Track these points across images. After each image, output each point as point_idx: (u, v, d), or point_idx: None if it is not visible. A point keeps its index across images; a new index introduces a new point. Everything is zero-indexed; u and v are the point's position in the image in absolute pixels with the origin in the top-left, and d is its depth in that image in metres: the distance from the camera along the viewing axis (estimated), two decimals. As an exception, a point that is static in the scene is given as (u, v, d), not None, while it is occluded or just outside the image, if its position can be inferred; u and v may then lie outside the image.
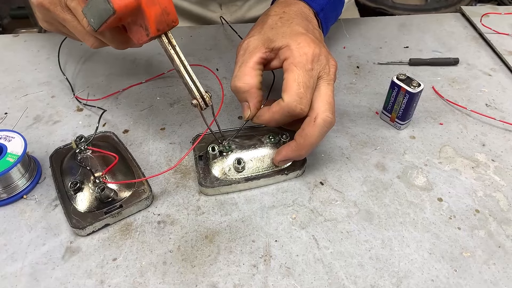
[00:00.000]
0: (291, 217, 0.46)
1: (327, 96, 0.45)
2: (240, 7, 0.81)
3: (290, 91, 0.44)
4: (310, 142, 0.45)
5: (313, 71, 0.45)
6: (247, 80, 0.46)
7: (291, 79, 0.44)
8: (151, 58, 0.68)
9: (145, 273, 0.41)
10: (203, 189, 0.47)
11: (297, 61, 0.45)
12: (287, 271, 0.41)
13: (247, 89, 0.47)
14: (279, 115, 0.45)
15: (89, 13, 0.40)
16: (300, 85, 0.44)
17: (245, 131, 0.52)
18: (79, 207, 0.44)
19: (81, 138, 0.49)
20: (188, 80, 0.43)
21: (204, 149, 0.50)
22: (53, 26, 0.49)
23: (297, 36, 0.47)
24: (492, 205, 0.47)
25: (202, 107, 0.44)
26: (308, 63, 0.45)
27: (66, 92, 0.61)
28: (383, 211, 0.46)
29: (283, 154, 0.47)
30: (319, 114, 0.44)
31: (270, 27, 0.49)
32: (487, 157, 0.52)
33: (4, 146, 0.46)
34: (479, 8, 0.81)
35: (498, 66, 0.67)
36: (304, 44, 0.45)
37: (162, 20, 0.39)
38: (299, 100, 0.43)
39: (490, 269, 0.41)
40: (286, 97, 0.44)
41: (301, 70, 0.44)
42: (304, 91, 0.44)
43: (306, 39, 0.46)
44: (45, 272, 0.40)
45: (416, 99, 0.52)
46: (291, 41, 0.46)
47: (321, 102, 0.45)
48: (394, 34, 0.75)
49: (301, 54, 0.45)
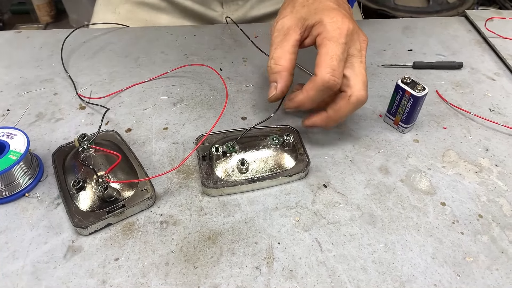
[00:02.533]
0: (294, 219, 0.45)
1: (362, 75, 0.46)
2: (241, 6, 0.81)
3: (323, 64, 0.44)
4: (340, 116, 0.48)
5: (346, 45, 0.45)
6: (282, 63, 0.47)
7: (323, 53, 0.45)
8: (154, 56, 0.68)
9: (147, 274, 0.40)
10: (206, 190, 0.47)
11: (330, 36, 0.45)
12: (290, 273, 0.41)
13: (280, 71, 0.47)
14: (314, 91, 0.46)
15: None
16: (333, 58, 0.44)
17: (248, 132, 0.52)
18: (81, 206, 0.44)
19: (84, 137, 0.49)
20: None
21: (207, 150, 0.50)
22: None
23: (329, 11, 0.47)
24: (495, 210, 0.47)
25: None
26: (341, 37, 0.45)
27: (69, 89, 0.61)
28: (386, 214, 0.46)
29: (312, 120, 0.50)
30: (354, 92, 0.46)
31: (301, 5, 0.49)
32: (490, 162, 0.52)
33: (7, 143, 0.46)
34: (483, 12, 0.81)
35: (502, 71, 0.67)
36: (337, 19, 0.46)
37: None
38: (332, 71, 0.44)
39: (493, 275, 0.41)
40: (319, 71, 0.44)
41: (334, 44, 0.45)
42: (337, 64, 0.44)
43: (339, 14, 0.46)
44: (46, 271, 0.40)
45: (420, 103, 0.52)
46: (324, 16, 0.46)
47: (357, 80, 0.46)
48: (398, 37, 0.75)
49: (334, 29, 0.45)
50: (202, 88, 0.62)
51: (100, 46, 0.70)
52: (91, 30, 0.74)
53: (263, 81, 0.64)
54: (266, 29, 0.74)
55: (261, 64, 0.67)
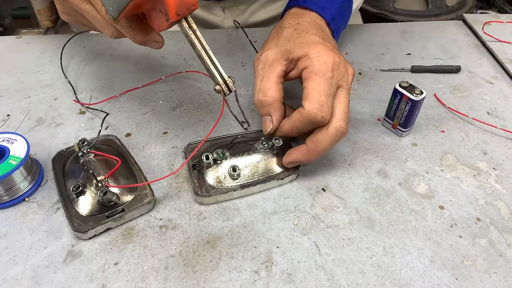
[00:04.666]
0: (293, 223, 0.46)
1: (344, 106, 0.45)
2: (243, 12, 0.82)
3: (311, 98, 0.44)
4: (320, 149, 0.46)
5: (333, 79, 0.45)
6: (271, 94, 0.47)
7: (311, 87, 0.44)
8: (154, 61, 0.68)
9: (146, 278, 0.41)
10: (199, 199, 0.47)
11: (317, 70, 0.45)
12: (289, 277, 0.41)
13: (272, 103, 0.47)
14: (300, 123, 0.45)
15: (108, 0, 0.39)
16: (321, 93, 0.44)
17: (236, 136, 0.52)
18: (81, 210, 0.44)
19: (84, 141, 0.49)
20: (210, 66, 0.42)
21: (197, 158, 0.50)
22: (72, 17, 0.49)
23: (315, 45, 0.47)
24: (493, 214, 0.47)
25: (226, 93, 0.43)
26: (328, 71, 0.45)
27: (68, 94, 0.61)
28: (384, 218, 0.46)
29: (293, 157, 0.48)
30: (333, 123, 0.45)
31: (286, 39, 0.50)
32: (488, 166, 0.53)
33: (7, 148, 0.46)
34: (481, 16, 0.81)
35: (499, 75, 0.68)
36: (323, 53, 0.46)
37: (182, 4, 0.38)
38: (320, 107, 0.43)
39: (491, 278, 0.41)
40: (307, 105, 0.44)
41: (322, 79, 0.44)
42: (325, 99, 0.44)
43: (325, 48, 0.46)
44: (46, 276, 0.40)
45: (418, 106, 0.52)
46: (310, 50, 0.46)
47: (338, 111, 0.45)
48: (396, 41, 0.75)
49: (321, 63, 0.45)
50: (201, 92, 0.62)
51: (100, 51, 0.70)
52: (91, 35, 0.74)
53: (262, 85, 0.64)
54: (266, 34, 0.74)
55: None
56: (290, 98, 0.55)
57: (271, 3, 0.82)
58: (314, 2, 0.55)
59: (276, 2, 0.82)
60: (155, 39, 0.46)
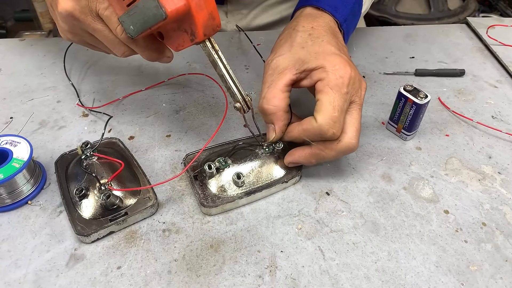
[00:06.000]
0: (296, 228, 0.45)
1: (356, 123, 0.45)
2: (245, 16, 0.82)
3: (325, 113, 0.43)
4: (325, 157, 0.46)
5: (347, 94, 0.44)
6: (275, 103, 0.46)
7: (326, 102, 0.43)
8: (157, 64, 0.68)
9: (149, 282, 0.40)
10: (206, 210, 0.46)
11: (333, 84, 0.44)
12: (293, 282, 0.41)
13: (275, 112, 0.46)
14: (310, 134, 0.45)
15: (129, 20, 0.40)
16: (335, 109, 0.43)
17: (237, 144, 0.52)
18: (84, 214, 0.44)
19: (87, 144, 0.49)
20: (232, 84, 0.44)
21: (197, 168, 0.49)
22: (77, 36, 0.47)
23: (331, 57, 0.46)
24: (498, 218, 0.47)
25: (245, 110, 0.45)
26: (343, 86, 0.44)
27: (71, 97, 0.61)
28: (389, 222, 0.46)
29: (295, 157, 0.48)
30: (345, 139, 0.45)
31: (300, 45, 0.48)
32: (493, 170, 0.52)
33: (10, 151, 0.46)
34: (485, 19, 0.81)
35: (504, 78, 0.67)
36: (340, 67, 0.45)
37: (209, 25, 0.39)
38: (332, 124, 0.43)
39: (498, 284, 0.41)
40: (320, 119, 0.43)
41: (337, 94, 0.44)
42: (338, 115, 0.43)
43: (341, 61, 0.45)
44: (49, 280, 0.40)
45: (423, 110, 0.52)
46: (326, 62, 0.45)
47: (350, 127, 0.45)
48: (400, 44, 0.75)
49: (337, 77, 0.44)
50: (204, 95, 0.62)
51: (103, 54, 0.70)
52: (94, 38, 0.74)
53: (265, 88, 0.64)
54: (268, 37, 0.74)
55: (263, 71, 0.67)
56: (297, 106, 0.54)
57: (273, 7, 0.82)
58: (327, 1, 0.53)
59: (278, 6, 0.82)
60: (167, 55, 0.47)
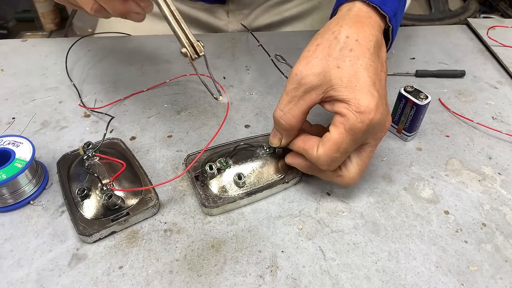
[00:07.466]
0: (297, 228, 0.45)
1: (363, 164, 0.45)
2: (247, 16, 0.82)
3: (327, 150, 0.42)
4: (319, 174, 0.47)
5: (361, 139, 0.42)
6: (292, 122, 0.44)
7: (334, 140, 0.41)
8: (159, 65, 0.68)
9: (151, 282, 0.40)
10: (207, 210, 0.46)
11: (349, 127, 0.41)
12: (294, 282, 0.41)
13: (288, 129, 0.45)
14: (308, 157, 0.45)
15: None
16: (339, 151, 0.42)
17: (238, 144, 0.52)
18: (86, 214, 0.44)
19: (89, 145, 0.50)
20: (176, 27, 0.40)
21: (198, 169, 0.49)
22: None
23: (361, 93, 0.41)
24: (498, 219, 0.47)
25: (192, 57, 0.41)
26: (359, 132, 0.41)
27: (73, 97, 0.61)
28: (389, 223, 0.46)
29: (295, 162, 0.48)
30: (346, 177, 0.45)
31: (336, 63, 0.42)
32: (493, 170, 0.52)
33: (12, 151, 0.46)
34: (485, 20, 0.81)
35: (504, 79, 0.68)
36: (365, 110, 0.40)
37: None
38: (330, 162, 0.43)
39: (498, 284, 0.41)
40: (321, 153, 0.43)
41: (349, 138, 0.41)
42: (339, 157, 0.42)
43: (370, 104, 0.40)
44: (51, 279, 0.40)
45: (423, 111, 0.52)
46: (352, 98, 0.41)
47: (354, 168, 0.45)
48: (400, 45, 0.75)
49: (357, 122, 0.40)
50: (205, 96, 0.62)
51: (105, 54, 0.70)
52: (96, 39, 0.75)
53: (265, 89, 0.64)
54: (269, 38, 0.75)
55: (264, 72, 0.67)
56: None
57: (275, 8, 0.82)
58: None
59: (280, 7, 0.82)
60: (135, 10, 0.45)
